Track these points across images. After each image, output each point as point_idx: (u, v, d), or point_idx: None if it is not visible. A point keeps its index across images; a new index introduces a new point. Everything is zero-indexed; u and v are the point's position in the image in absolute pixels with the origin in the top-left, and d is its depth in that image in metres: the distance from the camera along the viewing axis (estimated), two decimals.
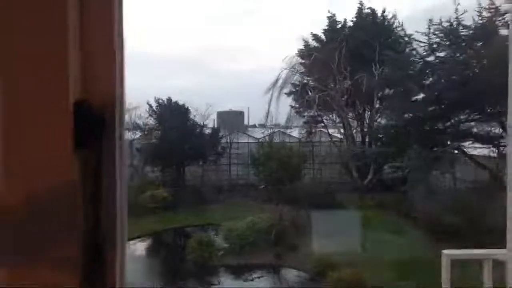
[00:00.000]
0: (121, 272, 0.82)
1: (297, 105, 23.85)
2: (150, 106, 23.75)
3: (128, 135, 24.86)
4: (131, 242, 18.37)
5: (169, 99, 23.90)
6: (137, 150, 23.71)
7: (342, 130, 22.62)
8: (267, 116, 25.13)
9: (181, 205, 21.13)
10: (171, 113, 23.40)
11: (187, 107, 24.17)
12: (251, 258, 15.43)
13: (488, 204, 14.84)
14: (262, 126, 29.37)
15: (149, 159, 23.41)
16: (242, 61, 47.92)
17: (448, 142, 15.40)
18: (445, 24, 16.29)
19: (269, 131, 26.32)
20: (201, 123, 25.29)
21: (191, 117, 24.55)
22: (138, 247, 18.24)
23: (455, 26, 16.08)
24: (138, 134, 24.32)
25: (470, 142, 17.24)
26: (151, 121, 24.17)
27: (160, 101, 23.79)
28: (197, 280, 14.58)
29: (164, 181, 22.43)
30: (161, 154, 22.35)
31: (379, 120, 21.66)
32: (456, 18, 16.22)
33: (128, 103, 24.27)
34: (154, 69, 42.91)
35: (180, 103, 24.05)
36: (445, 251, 2.17)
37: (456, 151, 17.08)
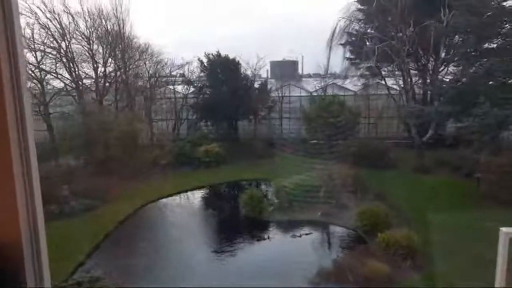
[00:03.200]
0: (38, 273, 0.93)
1: (353, 56, 22.33)
2: (201, 62, 23.71)
3: (182, 90, 25.43)
4: (189, 192, 19.68)
5: (219, 54, 23.62)
6: (190, 106, 24.28)
7: (401, 83, 20.98)
8: (327, 70, 23.94)
9: (234, 160, 21.73)
10: (221, 68, 23.26)
11: (238, 60, 23.80)
12: (300, 214, 15.74)
13: None
14: (317, 75, 28.13)
15: (202, 114, 23.94)
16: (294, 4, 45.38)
17: None
18: None
19: (322, 84, 25.29)
20: (252, 77, 24.93)
21: (242, 70, 24.26)
22: (196, 197, 19.45)
23: None
24: (191, 89, 24.71)
25: None
26: (203, 77, 24.29)
27: (211, 56, 23.60)
28: (248, 234, 15.25)
29: (217, 136, 23.00)
30: (213, 110, 22.69)
31: (444, 71, 19.67)
32: None
33: (181, 57, 24.52)
34: (204, 20, 42.18)
35: (231, 56, 23.74)
36: (504, 229, 1.97)
37: None
